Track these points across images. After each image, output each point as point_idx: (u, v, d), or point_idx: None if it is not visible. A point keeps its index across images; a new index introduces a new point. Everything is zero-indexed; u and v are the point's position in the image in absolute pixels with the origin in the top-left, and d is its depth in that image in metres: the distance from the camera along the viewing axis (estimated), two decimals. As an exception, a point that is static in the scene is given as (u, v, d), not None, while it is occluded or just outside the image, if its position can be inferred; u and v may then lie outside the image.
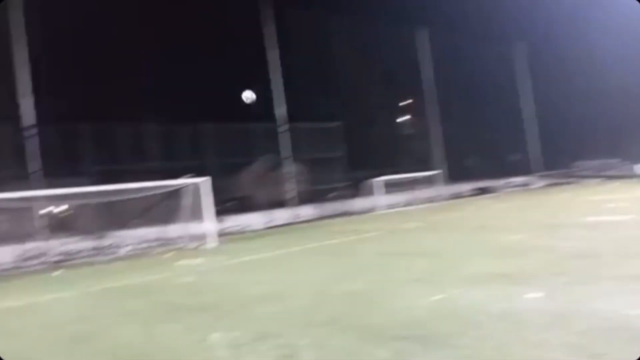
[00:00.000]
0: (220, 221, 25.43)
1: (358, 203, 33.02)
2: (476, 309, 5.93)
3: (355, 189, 34.55)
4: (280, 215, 29.56)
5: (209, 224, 20.00)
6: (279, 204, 32.29)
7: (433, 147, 38.67)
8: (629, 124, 36.25)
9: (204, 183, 19.64)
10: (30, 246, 20.77)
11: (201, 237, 20.70)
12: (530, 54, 39.76)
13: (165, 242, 22.20)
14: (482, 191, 40.26)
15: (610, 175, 37.16)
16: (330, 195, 33.91)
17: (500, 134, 41.07)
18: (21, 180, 21.71)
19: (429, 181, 37.10)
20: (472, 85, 37.50)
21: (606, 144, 37.54)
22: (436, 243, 12.69)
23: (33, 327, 7.80)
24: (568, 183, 38.50)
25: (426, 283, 7.73)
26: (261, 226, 27.34)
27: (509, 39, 38.39)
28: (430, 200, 36.78)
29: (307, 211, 29.73)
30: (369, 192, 33.49)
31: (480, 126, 39.56)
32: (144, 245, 22.65)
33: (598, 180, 36.57)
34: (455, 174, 39.80)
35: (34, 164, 21.14)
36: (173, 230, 22.49)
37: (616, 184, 30.97)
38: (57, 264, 19.15)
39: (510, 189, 42.40)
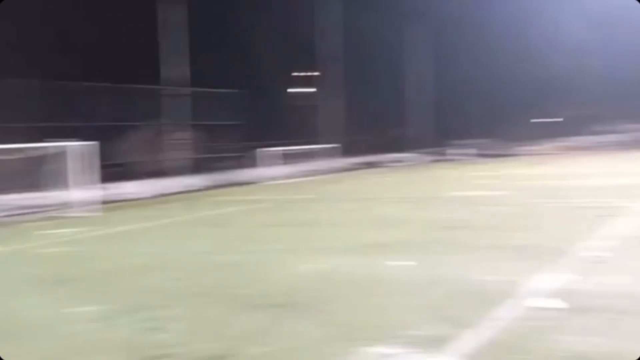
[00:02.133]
0: (100, 188, 23.99)
1: (250, 173, 32.71)
2: (346, 277, 6.15)
3: (250, 159, 34.16)
4: (168, 184, 28.51)
5: (87, 191, 18.77)
6: (167, 171, 31.16)
7: (327, 120, 39.26)
8: (508, 105, 39.24)
9: (84, 147, 18.32)
10: None
11: (78, 205, 19.38)
12: (429, 32, 40.91)
13: (38, 210, 20.55)
14: (370, 165, 41.66)
15: (489, 153, 40.13)
16: (223, 164, 33.26)
17: (390, 110, 42.61)
18: None
19: (324, 154, 37.61)
20: (367, 60, 38.32)
21: (489, 124, 40.43)
22: (319, 214, 12.94)
23: None
24: (451, 160, 41.00)
25: (303, 253, 7.89)
26: (146, 195, 26.20)
27: (411, 15, 39.23)
28: (323, 172, 37.36)
29: (196, 180, 28.94)
30: (262, 163, 33.31)
31: (372, 101, 40.78)
32: (13, 212, 20.86)
33: (476, 158, 39.45)
34: (349, 148, 40.74)
35: None
36: (48, 196, 20.88)
37: (497, 162, 33.87)
38: None
39: (395, 164, 44.31)
